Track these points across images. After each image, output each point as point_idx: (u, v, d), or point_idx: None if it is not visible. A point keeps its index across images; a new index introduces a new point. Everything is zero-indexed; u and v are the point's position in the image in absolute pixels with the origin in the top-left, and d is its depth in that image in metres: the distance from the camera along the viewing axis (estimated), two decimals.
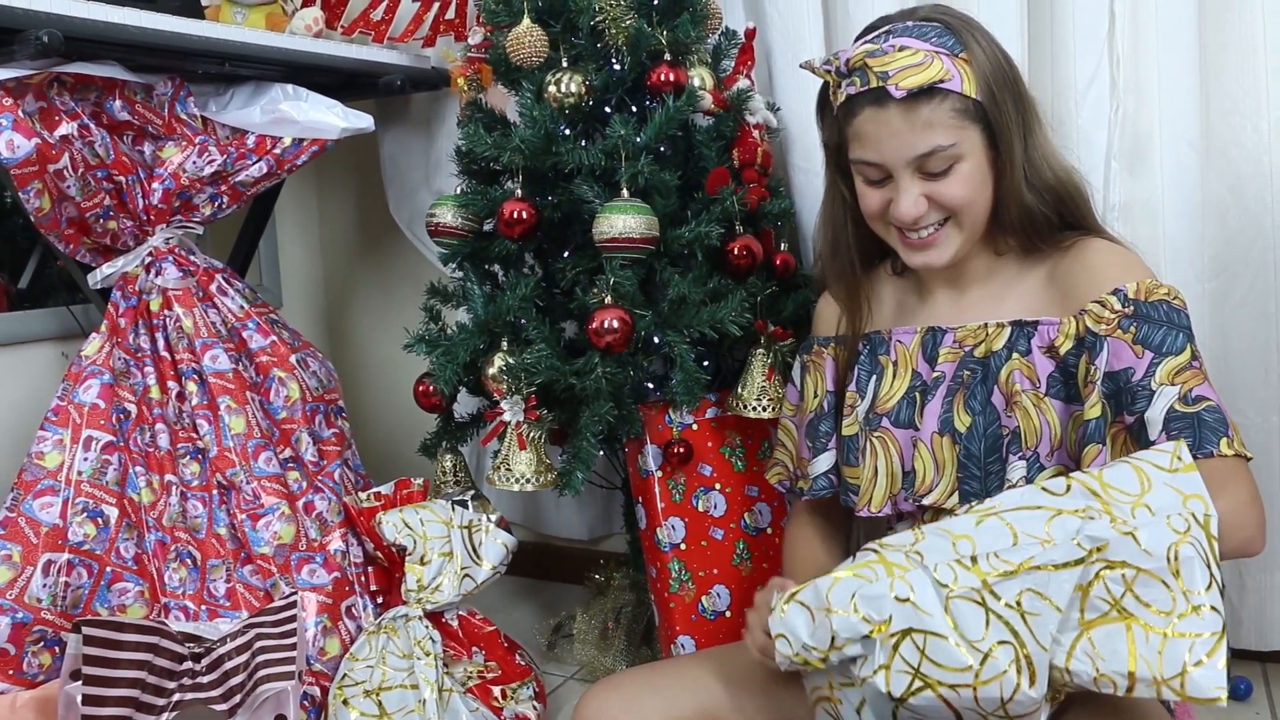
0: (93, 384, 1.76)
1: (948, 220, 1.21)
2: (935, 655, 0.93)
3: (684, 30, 1.71)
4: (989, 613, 0.93)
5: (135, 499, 1.76)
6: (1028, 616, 0.92)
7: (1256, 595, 1.80)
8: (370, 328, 2.77)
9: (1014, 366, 1.19)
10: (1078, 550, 0.93)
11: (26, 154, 1.61)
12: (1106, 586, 0.92)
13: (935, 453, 1.23)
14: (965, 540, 0.97)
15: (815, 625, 0.99)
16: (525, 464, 1.64)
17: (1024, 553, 0.94)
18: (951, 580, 0.95)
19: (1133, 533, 0.91)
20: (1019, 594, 0.93)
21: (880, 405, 1.30)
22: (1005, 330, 1.21)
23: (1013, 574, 0.93)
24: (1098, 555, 0.92)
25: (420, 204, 2.42)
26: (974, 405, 1.21)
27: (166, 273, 1.85)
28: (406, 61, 2.18)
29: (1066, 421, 1.15)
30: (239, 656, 1.56)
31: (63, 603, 1.64)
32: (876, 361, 1.33)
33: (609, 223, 1.57)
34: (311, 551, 1.80)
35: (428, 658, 1.67)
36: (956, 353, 1.25)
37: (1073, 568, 0.92)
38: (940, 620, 0.93)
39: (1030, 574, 0.93)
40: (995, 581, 0.93)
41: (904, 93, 1.14)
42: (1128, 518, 0.93)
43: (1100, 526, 0.93)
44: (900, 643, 0.94)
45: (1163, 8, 1.72)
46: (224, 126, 1.89)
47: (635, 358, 1.67)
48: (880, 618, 0.95)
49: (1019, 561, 0.93)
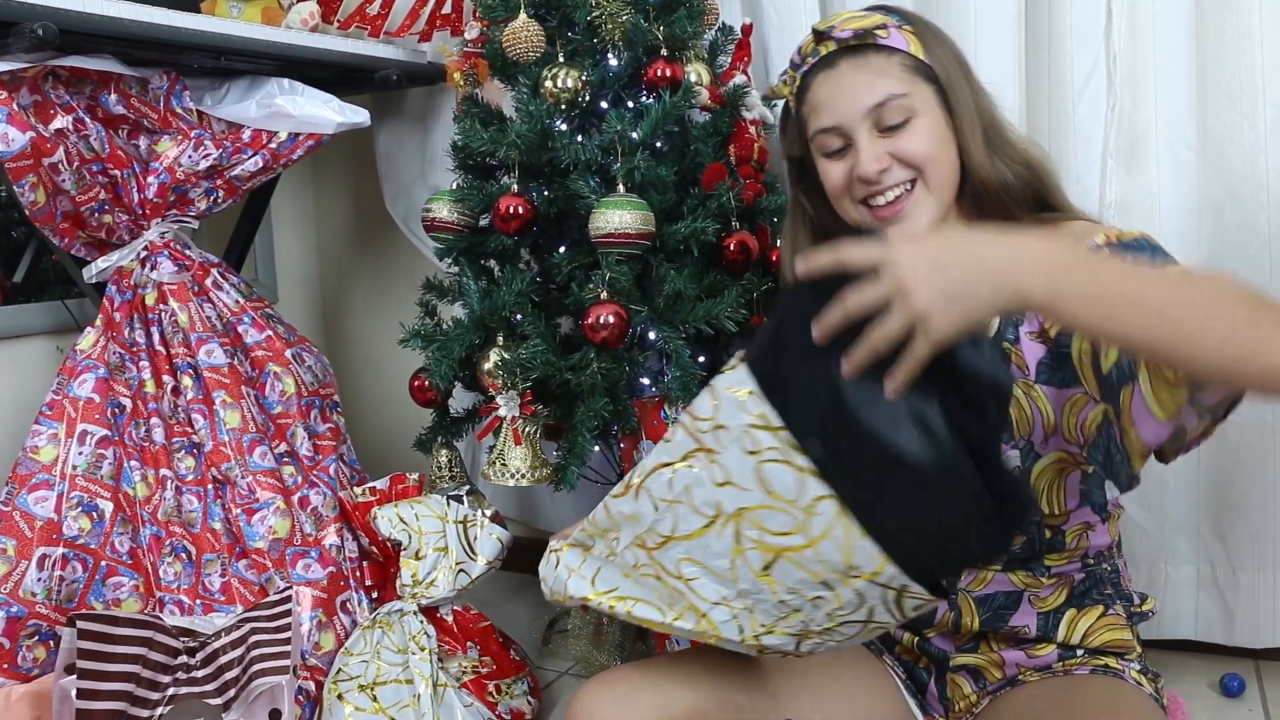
0: (87, 378, 1.76)
1: (915, 183, 1.17)
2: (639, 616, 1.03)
3: (681, 26, 1.71)
4: (664, 584, 1.01)
5: (130, 493, 1.76)
6: (690, 583, 0.98)
7: (1249, 593, 1.81)
8: (366, 323, 2.77)
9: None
10: (704, 515, 0.96)
11: (21, 147, 1.61)
12: (746, 537, 0.94)
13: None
14: (631, 521, 1.02)
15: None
16: (520, 459, 1.64)
17: (665, 522, 0.99)
18: (633, 562, 1.03)
19: (729, 481, 0.93)
20: (678, 562, 0.99)
21: None
22: (993, 319, 1.17)
23: (663, 544, 0.99)
24: (721, 514, 0.95)
25: (416, 199, 2.41)
26: None
27: (162, 267, 1.84)
28: (402, 56, 2.17)
29: (1060, 406, 1.13)
30: (234, 651, 1.56)
31: (57, 597, 1.64)
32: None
33: (605, 218, 1.57)
34: (306, 546, 1.80)
35: (422, 652, 1.67)
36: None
37: (706, 532, 0.96)
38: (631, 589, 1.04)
39: (677, 544, 0.98)
40: (659, 555, 1.00)
41: (849, 32, 1.15)
42: (715, 446, 0.95)
43: (695, 476, 0.96)
44: (615, 606, 1.05)
45: (1159, 5, 1.73)
46: (219, 120, 1.89)
47: (631, 353, 1.67)
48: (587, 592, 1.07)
49: (666, 533, 0.99)
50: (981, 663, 1.21)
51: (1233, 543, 1.82)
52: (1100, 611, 1.18)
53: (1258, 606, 1.81)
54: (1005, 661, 1.20)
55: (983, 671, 1.22)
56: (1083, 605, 1.19)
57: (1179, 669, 1.87)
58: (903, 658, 1.28)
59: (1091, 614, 1.18)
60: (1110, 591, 1.20)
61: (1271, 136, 1.68)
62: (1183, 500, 1.84)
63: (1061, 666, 1.18)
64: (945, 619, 1.21)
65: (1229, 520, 1.81)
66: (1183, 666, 1.88)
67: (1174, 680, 1.83)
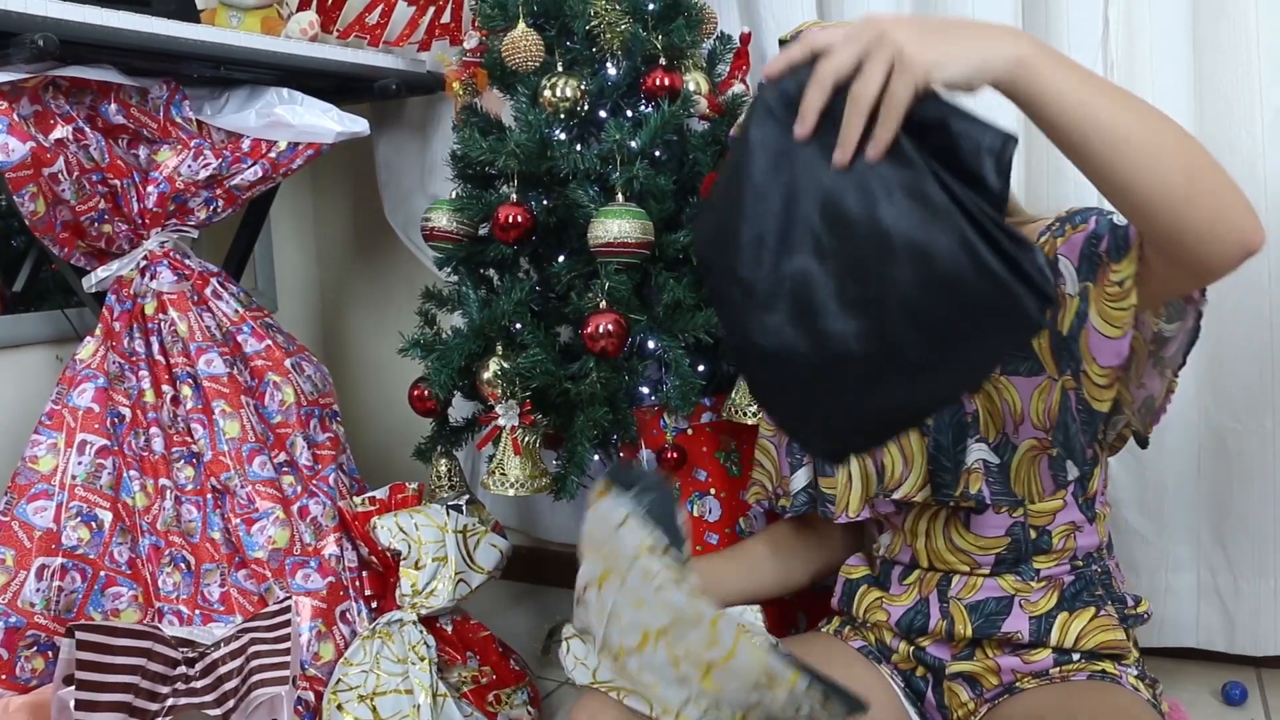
0: (87, 388, 1.75)
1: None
2: None
3: (679, 35, 1.71)
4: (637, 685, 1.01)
5: (129, 503, 1.75)
6: (653, 689, 0.98)
7: (1251, 601, 1.81)
8: (365, 332, 2.77)
9: None
10: (636, 634, 0.97)
11: (21, 157, 1.61)
12: (676, 652, 0.95)
13: (902, 446, 1.23)
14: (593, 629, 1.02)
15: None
16: (520, 469, 1.64)
17: (613, 636, 1.00)
18: (610, 663, 1.03)
19: (641, 602, 0.96)
20: (638, 670, 0.99)
21: None
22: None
23: (621, 654, 1.00)
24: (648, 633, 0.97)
25: (415, 208, 2.41)
26: None
27: (161, 276, 1.84)
28: (402, 65, 2.18)
29: (1029, 395, 1.15)
30: (233, 661, 1.56)
31: (56, 607, 1.64)
32: None
33: (604, 227, 1.57)
34: (306, 556, 1.79)
35: (422, 663, 1.67)
36: None
37: (645, 648, 0.97)
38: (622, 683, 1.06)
39: (630, 656, 0.99)
40: (622, 662, 1.00)
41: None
42: (619, 569, 0.97)
43: (615, 599, 0.98)
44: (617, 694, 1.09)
45: (1156, 12, 1.73)
46: (219, 130, 1.89)
47: (630, 362, 1.67)
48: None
49: (615, 647, 1.00)
50: (978, 670, 1.22)
51: (1234, 550, 1.81)
52: (1092, 613, 1.19)
53: (1259, 614, 1.81)
54: (1001, 668, 1.20)
55: (979, 679, 1.22)
56: (1074, 608, 1.19)
57: (1180, 677, 1.87)
58: (900, 666, 1.28)
59: (1083, 616, 1.19)
60: (1101, 593, 1.21)
61: (1269, 142, 1.69)
62: (1183, 507, 1.84)
63: (1059, 672, 1.18)
64: (939, 627, 1.22)
65: (1230, 527, 1.81)
66: (1184, 674, 1.88)
67: (1175, 688, 1.83)
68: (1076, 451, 1.15)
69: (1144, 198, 0.88)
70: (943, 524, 1.23)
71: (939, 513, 1.23)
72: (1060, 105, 0.85)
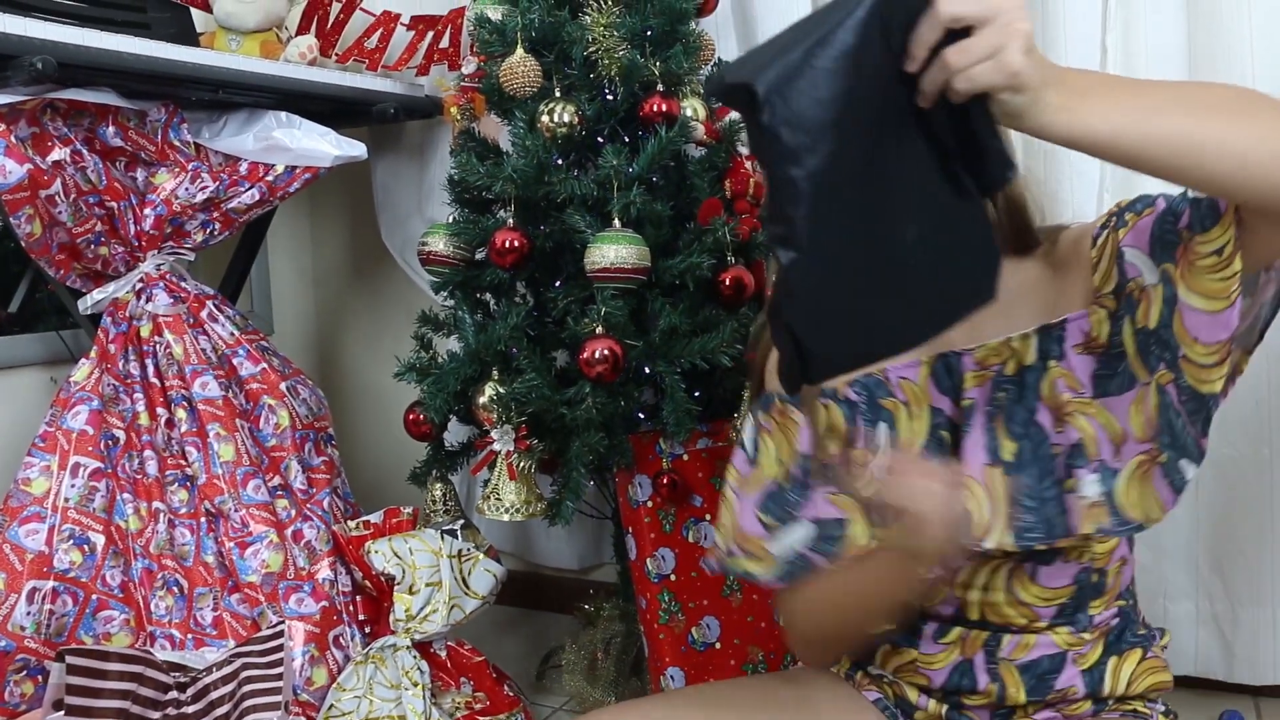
0: (81, 410, 1.75)
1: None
2: None
3: (677, 61, 1.71)
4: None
5: (123, 526, 1.75)
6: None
7: (1249, 629, 1.80)
8: (361, 355, 2.76)
9: (1054, 376, 1.06)
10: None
11: (18, 179, 1.61)
12: None
13: (989, 488, 1.07)
14: None
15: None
16: (515, 494, 1.64)
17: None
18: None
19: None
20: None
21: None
22: (1032, 340, 1.08)
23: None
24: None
25: (412, 232, 2.42)
26: (1016, 429, 1.07)
27: (157, 299, 1.84)
28: (400, 90, 2.19)
29: (1125, 412, 1.03)
30: (225, 686, 1.55)
31: (47, 631, 1.63)
32: (880, 407, 1.14)
33: (601, 253, 1.57)
34: (299, 580, 1.79)
35: (415, 688, 1.66)
36: (983, 375, 1.10)
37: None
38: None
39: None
40: None
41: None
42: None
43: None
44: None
45: (1152, 31, 1.74)
46: (217, 153, 1.89)
47: (626, 388, 1.67)
48: None
49: None
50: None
51: (1232, 578, 1.81)
52: (1139, 655, 1.13)
53: (1257, 643, 1.80)
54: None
55: None
56: (1120, 650, 1.13)
57: (1179, 705, 1.84)
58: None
59: (1132, 658, 1.12)
60: (1144, 632, 1.15)
61: None
62: (1182, 535, 1.83)
63: (1094, 718, 1.13)
64: (990, 690, 1.12)
65: (1228, 556, 1.81)
66: (1182, 703, 1.85)
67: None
68: (1190, 448, 1.02)
69: (1221, 189, 0.86)
70: (1006, 576, 1.10)
71: (1001, 565, 1.10)
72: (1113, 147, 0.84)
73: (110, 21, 1.79)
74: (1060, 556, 1.07)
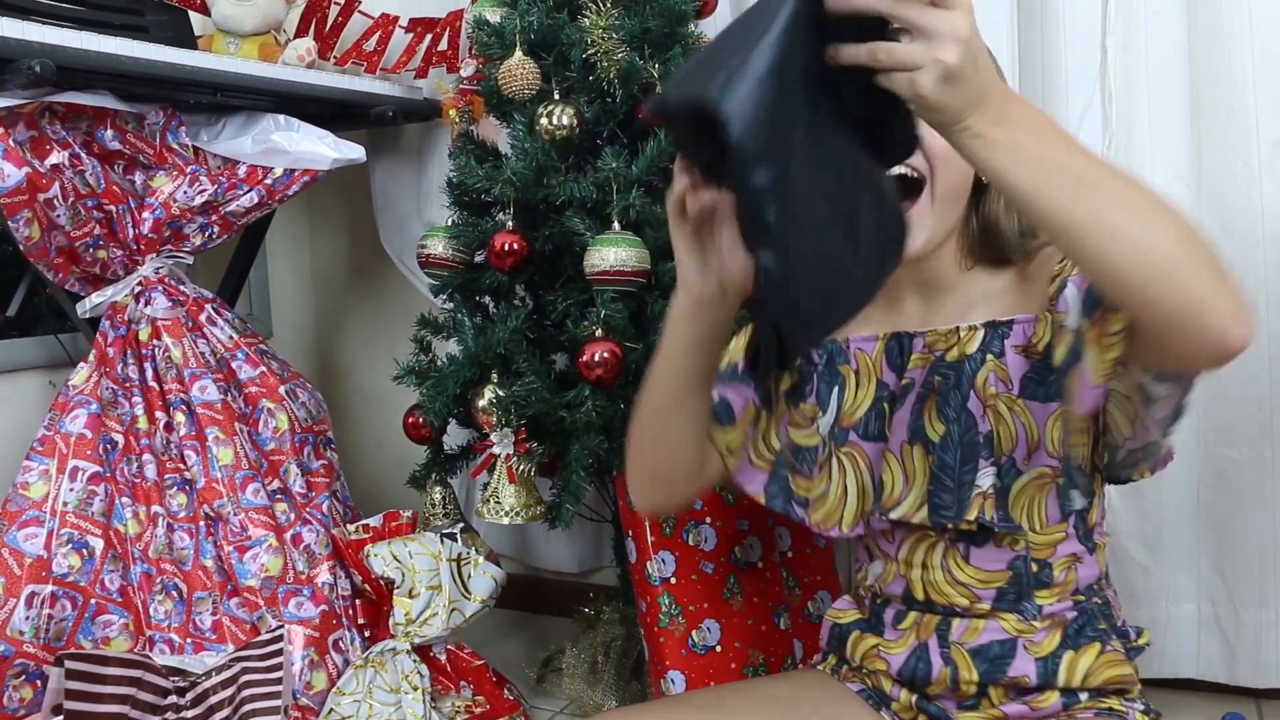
0: (80, 414, 1.75)
1: (921, 188, 1.12)
2: None
3: (676, 63, 1.71)
4: None
5: (121, 530, 1.74)
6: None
7: (1252, 632, 1.79)
8: (360, 358, 2.76)
9: (990, 369, 1.13)
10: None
11: (17, 183, 1.61)
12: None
13: (905, 463, 1.17)
14: None
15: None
16: (514, 497, 1.63)
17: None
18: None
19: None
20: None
21: (846, 419, 1.23)
22: (978, 333, 1.15)
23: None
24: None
25: (411, 235, 2.41)
26: (948, 413, 1.14)
27: (156, 302, 1.84)
28: (398, 92, 2.18)
29: (1044, 421, 1.10)
30: (224, 690, 1.54)
31: (45, 635, 1.62)
32: (836, 371, 1.25)
33: (600, 255, 1.57)
34: (299, 584, 1.78)
35: (415, 692, 1.65)
36: (926, 358, 1.18)
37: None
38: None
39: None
40: None
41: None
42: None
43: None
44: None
45: (1153, 42, 1.74)
46: (215, 156, 1.89)
47: (626, 390, 1.66)
48: None
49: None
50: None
51: (1234, 581, 1.81)
52: (1098, 649, 1.15)
53: (1260, 645, 1.79)
54: (1008, 717, 1.17)
55: None
56: (1078, 644, 1.15)
57: (1180, 708, 1.86)
58: (901, 716, 1.23)
59: (1089, 653, 1.15)
60: (1104, 627, 1.17)
61: (1266, 172, 1.69)
62: (1183, 538, 1.83)
63: (1067, 715, 1.15)
64: (943, 675, 1.17)
65: (1230, 558, 1.80)
66: (1184, 706, 1.86)
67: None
68: (1080, 483, 1.12)
69: (1095, 276, 0.88)
70: (941, 554, 1.18)
71: (937, 543, 1.18)
72: (1012, 188, 0.86)
73: (108, 25, 1.79)
74: (991, 540, 1.15)
